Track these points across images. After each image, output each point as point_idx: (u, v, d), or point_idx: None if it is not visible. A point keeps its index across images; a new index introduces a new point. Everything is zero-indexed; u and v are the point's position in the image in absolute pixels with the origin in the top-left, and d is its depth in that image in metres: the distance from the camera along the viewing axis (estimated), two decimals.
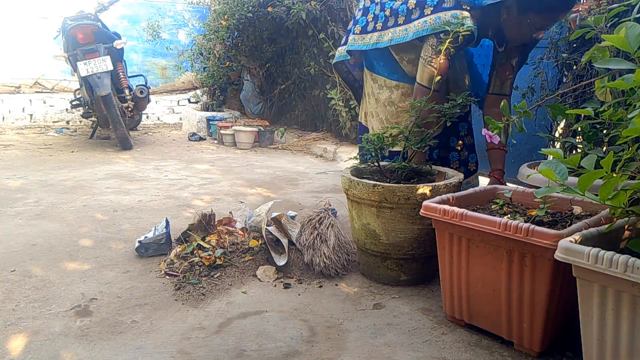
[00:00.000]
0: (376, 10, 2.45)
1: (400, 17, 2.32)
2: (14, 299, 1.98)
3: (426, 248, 2.09)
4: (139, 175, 4.33)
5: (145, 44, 8.43)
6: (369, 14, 2.50)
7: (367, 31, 2.49)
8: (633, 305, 1.19)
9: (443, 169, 2.34)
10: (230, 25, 6.32)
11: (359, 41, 2.53)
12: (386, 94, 2.52)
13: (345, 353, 1.64)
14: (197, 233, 2.49)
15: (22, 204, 3.33)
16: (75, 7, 6.39)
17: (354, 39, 2.56)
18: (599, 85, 1.54)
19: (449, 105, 2.18)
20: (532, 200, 1.87)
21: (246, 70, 7.29)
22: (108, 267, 2.33)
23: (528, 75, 3.04)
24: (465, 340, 1.72)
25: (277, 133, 6.33)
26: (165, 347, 1.67)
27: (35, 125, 7.35)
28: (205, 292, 2.06)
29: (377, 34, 2.42)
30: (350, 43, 2.58)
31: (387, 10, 2.38)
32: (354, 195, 2.12)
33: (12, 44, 7.75)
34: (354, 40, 2.56)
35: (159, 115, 8.19)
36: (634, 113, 1.16)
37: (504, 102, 1.64)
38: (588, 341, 1.32)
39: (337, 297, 2.05)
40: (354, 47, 2.56)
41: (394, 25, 2.35)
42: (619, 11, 1.49)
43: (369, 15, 2.50)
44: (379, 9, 2.43)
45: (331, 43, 5.37)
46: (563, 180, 1.22)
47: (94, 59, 5.15)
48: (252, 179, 4.25)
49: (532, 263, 1.51)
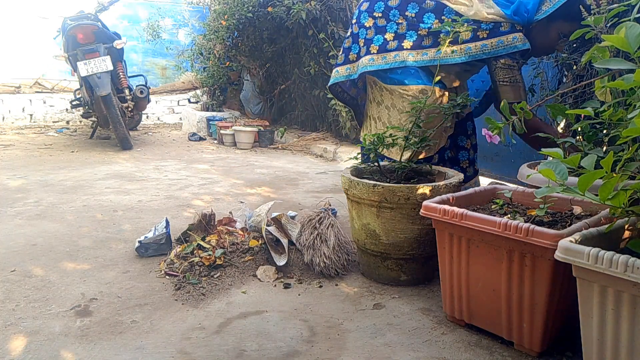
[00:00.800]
0: (400, 29, 2.38)
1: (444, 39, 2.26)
2: (14, 299, 1.98)
3: (426, 248, 2.09)
4: (139, 175, 4.33)
5: (145, 44, 8.43)
6: (386, 33, 2.41)
7: (387, 50, 2.40)
8: (633, 305, 1.19)
9: (443, 169, 2.34)
10: (230, 25, 6.32)
11: (378, 61, 2.41)
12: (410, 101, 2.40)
13: (345, 353, 1.64)
14: (197, 233, 2.49)
15: (22, 204, 3.33)
16: (75, 7, 6.39)
17: (372, 59, 2.43)
18: (599, 85, 1.54)
19: (449, 105, 2.18)
20: (532, 200, 1.87)
21: (246, 70, 7.29)
22: (108, 267, 2.33)
23: (528, 75, 3.04)
24: (465, 340, 1.72)
25: (277, 133, 6.33)
26: (165, 347, 1.67)
27: (35, 125, 7.35)
28: (205, 292, 2.06)
29: (407, 53, 2.35)
30: (367, 64, 2.44)
31: (423, 30, 2.34)
32: (354, 195, 2.12)
33: (12, 44, 7.75)
34: (372, 60, 2.43)
35: (159, 115, 8.19)
36: (634, 113, 1.16)
37: (504, 102, 1.64)
38: (588, 341, 1.32)
39: (337, 297, 2.05)
40: (374, 67, 2.42)
41: (431, 45, 2.32)
42: (619, 11, 1.48)
43: (387, 34, 2.41)
44: (406, 28, 2.37)
45: (331, 43, 5.37)
46: (563, 180, 1.22)
47: (94, 59, 5.15)
48: (252, 179, 4.25)
49: (532, 263, 1.51)
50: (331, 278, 2.22)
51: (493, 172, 3.87)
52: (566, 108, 1.66)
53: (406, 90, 2.40)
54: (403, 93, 2.41)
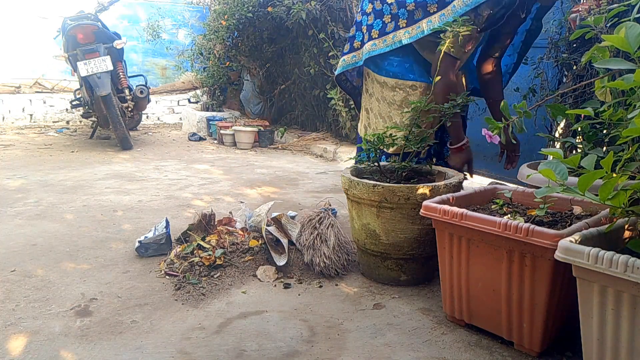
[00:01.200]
0: (392, 9, 2.39)
1: (431, 6, 2.26)
2: (14, 299, 1.98)
3: (426, 248, 2.09)
4: (139, 175, 4.33)
5: (145, 44, 8.43)
6: (384, 16, 2.43)
7: (386, 32, 2.41)
8: (633, 305, 1.19)
9: (443, 169, 2.34)
10: (230, 25, 6.32)
11: (379, 45, 2.43)
12: (401, 95, 2.44)
13: (345, 353, 1.64)
14: (197, 233, 2.49)
15: (22, 204, 3.33)
16: (75, 7, 6.39)
17: (374, 44, 2.45)
18: (599, 85, 1.54)
19: (449, 105, 2.18)
20: (532, 200, 1.87)
21: (246, 70, 7.28)
22: (108, 267, 2.33)
23: (528, 75, 3.04)
24: (465, 340, 1.72)
25: (277, 133, 6.33)
26: (165, 347, 1.67)
27: (35, 125, 7.35)
28: (205, 292, 2.06)
29: (403, 31, 2.34)
30: (370, 49, 2.46)
31: (411, 5, 2.31)
32: (354, 195, 2.12)
33: (12, 44, 7.75)
34: (375, 45, 2.45)
35: (159, 115, 8.19)
36: (634, 113, 1.16)
37: (504, 102, 1.64)
38: (588, 341, 1.32)
39: (337, 297, 2.05)
40: (376, 51, 2.44)
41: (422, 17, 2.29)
42: (619, 11, 1.48)
43: (385, 17, 2.42)
44: (397, 7, 2.37)
45: (331, 43, 5.37)
46: (563, 180, 1.22)
47: (94, 59, 5.15)
48: (252, 179, 4.25)
49: (532, 263, 1.51)
50: (331, 278, 2.22)
51: (493, 172, 3.87)
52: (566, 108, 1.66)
53: (399, 84, 2.43)
54: (395, 86, 2.44)
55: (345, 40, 5.51)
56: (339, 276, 2.24)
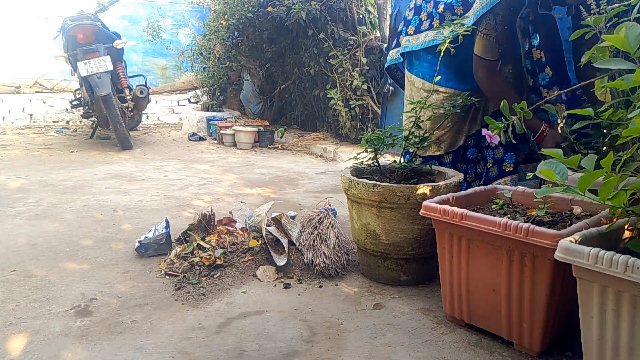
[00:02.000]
0: (428, 7, 2.39)
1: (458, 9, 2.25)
2: (14, 299, 1.98)
3: (426, 248, 2.09)
4: (139, 175, 4.33)
5: (145, 44, 8.44)
6: (421, 13, 2.43)
7: (421, 30, 2.42)
8: (633, 305, 1.19)
9: (443, 169, 2.34)
10: (230, 25, 6.33)
11: (413, 41, 2.44)
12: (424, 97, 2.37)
13: (345, 353, 1.64)
14: (197, 233, 2.49)
15: (22, 204, 3.33)
16: (75, 7, 6.39)
17: (408, 40, 2.47)
18: (599, 85, 1.54)
19: (449, 104, 2.18)
20: (532, 200, 1.87)
21: (246, 70, 7.29)
22: (108, 267, 2.33)
23: None
24: (465, 340, 1.72)
25: (277, 133, 6.33)
26: (165, 347, 1.67)
27: (35, 125, 7.35)
28: (205, 292, 2.06)
29: (435, 31, 2.32)
30: (404, 45, 2.49)
31: (441, 6, 2.31)
32: (354, 195, 2.12)
33: (12, 44, 7.75)
34: (409, 41, 2.46)
35: (159, 115, 8.19)
36: (634, 113, 1.16)
37: (504, 102, 1.64)
38: (588, 341, 1.32)
39: (337, 297, 2.05)
40: (408, 48, 2.46)
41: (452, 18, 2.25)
42: (619, 11, 1.48)
43: (422, 14, 2.42)
44: (432, 6, 2.36)
45: (331, 43, 5.37)
46: (563, 180, 1.22)
47: (94, 59, 5.16)
48: (252, 179, 4.25)
49: (532, 263, 1.51)
50: (331, 278, 2.22)
51: None
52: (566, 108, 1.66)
53: (424, 86, 2.42)
54: (420, 87, 2.43)
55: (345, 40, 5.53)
56: (339, 276, 2.24)
